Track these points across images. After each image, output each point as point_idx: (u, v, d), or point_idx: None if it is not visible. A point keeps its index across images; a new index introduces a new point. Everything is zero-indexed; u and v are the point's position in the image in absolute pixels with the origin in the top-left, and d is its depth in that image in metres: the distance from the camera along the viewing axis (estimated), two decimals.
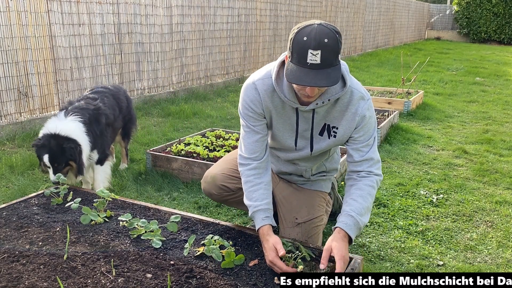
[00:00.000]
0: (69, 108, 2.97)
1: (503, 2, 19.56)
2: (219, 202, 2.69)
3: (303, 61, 1.72)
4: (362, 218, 1.93)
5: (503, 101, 7.23)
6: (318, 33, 1.70)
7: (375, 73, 9.82)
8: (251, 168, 2.08)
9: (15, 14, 4.52)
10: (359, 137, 2.04)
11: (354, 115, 2.00)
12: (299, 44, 1.72)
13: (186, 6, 6.83)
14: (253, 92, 2.05)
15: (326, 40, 1.69)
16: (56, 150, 2.70)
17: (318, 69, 1.71)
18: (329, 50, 1.71)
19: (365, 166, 2.03)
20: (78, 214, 2.25)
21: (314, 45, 1.69)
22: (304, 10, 10.42)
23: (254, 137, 2.08)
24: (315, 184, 2.40)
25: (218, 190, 2.36)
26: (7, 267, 1.80)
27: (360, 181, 2.02)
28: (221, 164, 2.45)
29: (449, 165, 4.13)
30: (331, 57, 1.72)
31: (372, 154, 2.05)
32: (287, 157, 2.28)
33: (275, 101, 2.04)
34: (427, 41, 20.77)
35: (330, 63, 1.73)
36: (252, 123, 2.08)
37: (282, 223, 2.32)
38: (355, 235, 1.92)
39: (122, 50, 5.89)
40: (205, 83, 7.56)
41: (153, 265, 1.84)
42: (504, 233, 2.86)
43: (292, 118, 2.08)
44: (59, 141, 2.72)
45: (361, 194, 1.98)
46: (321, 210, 2.31)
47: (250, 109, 2.06)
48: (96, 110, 3.05)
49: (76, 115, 2.89)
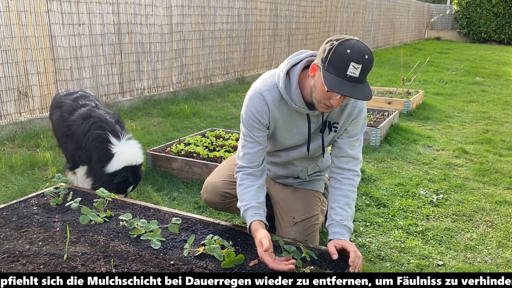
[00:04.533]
0: (116, 126, 2.92)
1: (503, 2, 19.54)
2: (221, 211, 2.68)
3: (342, 72, 1.76)
4: (351, 223, 2.05)
5: (503, 101, 7.23)
6: (361, 48, 1.76)
7: (375, 73, 9.82)
8: (246, 173, 2.11)
9: (15, 14, 4.52)
10: (352, 131, 2.13)
11: (353, 109, 2.09)
12: (342, 55, 1.76)
13: (186, 6, 6.83)
14: (260, 103, 2.05)
15: (367, 56, 1.77)
16: (138, 180, 2.90)
17: (356, 82, 1.78)
18: (367, 66, 1.78)
19: (351, 165, 2.13)
20: (78, 214, 2.25)
21: (357, 58, 1.74)
22: (304, 10, 10.42)
23: (255, 148, 2.10)
24: (310, 184, 2.43)
25: (220, 198, 2.37)
26: (7, 267, 1.80)
27: (343, 184, 2.10)
28: (220, 172, 2.45)
29: (449, 165, 4.13)
30: (366, 73, 1.80)
31: (359, 154, 2.17)
32: (286, 157, 2.29)
33: (282, 110, 2.08)
34: (427, 41, 20.77)
35: (364, 79, 1.80)
36: (256, 134, 2.09)
37: (279, 224, 2.33)
38: (349, 239, 2.01)
39: (122, 50, 5.89)
40: (205, 83, 7.56)
41: (153, 265, 1.84)
42: (504, 233, 2.86)
43: (301, 124, 2.12)
44: (137, 172, 2.87)
45: (347, 202, 2.08)
46: (317, 209, 2.33)
47: (256, 120, 2.06)
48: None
49: (128, 136, 2.93)
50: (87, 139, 2.81)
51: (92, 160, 2.84)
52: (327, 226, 2.06)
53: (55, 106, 3.20)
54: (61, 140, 3.12)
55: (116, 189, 2.76)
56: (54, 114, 3.15)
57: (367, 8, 14.21)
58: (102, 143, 2.79)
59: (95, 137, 2.80)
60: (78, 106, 3.01)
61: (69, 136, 2.96)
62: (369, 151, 4.39)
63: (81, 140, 2.84)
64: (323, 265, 1.90)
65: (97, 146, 2.79)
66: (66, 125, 2.96)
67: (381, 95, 6.61)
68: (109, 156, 2.77)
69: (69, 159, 3.11)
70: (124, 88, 6.03)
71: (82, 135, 2.83)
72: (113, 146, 2.79)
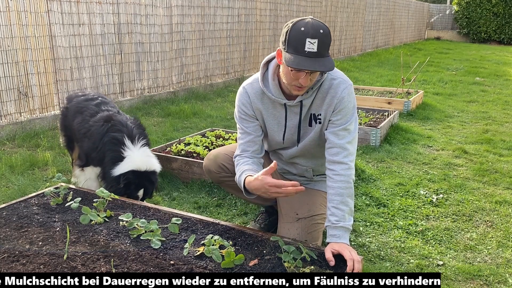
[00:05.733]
0: (134, 131, 2.86)
1: (503, 2, 19.54)
2: (216, 183, 2.67)
3: (301, 49, 1.85)
4: (348, 222, 2.02)
5: (503, 101, 7.24)
6: (314, 25, 1.86)
7: (375, 73, 9.82)
8: (244, 156, 2.20)
9: (15, 14, 4.53)
10: (336, 120, 2.12)
11: (333, 98, 2.10)
12: (297, 34, 1.86)
13: (186, 6, 6.83)
14: (244, 95, 2.22)
15: (322, 31, 1.86)
16: (149, 186, 2.82)
17: (315, 57, 1.85)
18: (324, 40, 1.85)
19: (341, 156, 2.08)
20: (78, 214, 2.25)
21: (312, 34, 1.83)
22: (304, 10, 10.42)
23: (247, 138, 2.22)
24: (318, 184, 2.44)
25: (217, 168, 2.43)
26: (7, 267, 1.80)
27: (335, 182, 2.07)
28: (226, 147, 2.57)
29: (449, 165, 4.13)
30: (325, 47, 1.87)
31: (349, 144, 2.10)
32: (286, 155, 2.33)
33: (265, 103, 2.19)
34: (427, 41, 20.77)
35: (324, 53, 1.87)
36: (245, 125, 2.22)
37: (282, 219, 2.34)
38: (348, 239, 2.01)
39: (122, 50, 5.89)
40: (205, 83, 7.56)
41: (153, 265, 1.84)
42: (504, 233, 2.86)
43: (282, 115, 2.19)
44: (148, 178, 2.80)
45: (341, 200, 2.05)
46: (322, 209, 2.32)
47: (242, 112, 2.22)
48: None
49: (144, 142, 2.87)
50: (103, 141, 2.80)
51: (104, 161, 2.82)
52: (325, 228, 2.06)
53: (74, 111, 3.13)
54: (79, 139, 3.09)
55: (124, 194, 2.69)
56: (75, 119, 3.08)
57: (367, 8, 14.20)
58: (115, 145, 2.76)
59: (110, 139, 2.78)
60: (101, 112, 3.00)
61: (86, 136, 2.94)
62: (369, 151, 4.39)
63: (97, 142, 2.83)
64: (323, 265, 1.90)
65: (110, 148, 2.78)
66: (87, 126, 2.94)
67: (381, 95, 6.61)
68: (119, 159, 2.74)
69: (82, 157, 3.08)
70: (124, 88, 6.03)
71: (100, 136, 2.82)
72: (126, 149, 2.75)
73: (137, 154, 2.77)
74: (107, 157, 2.79)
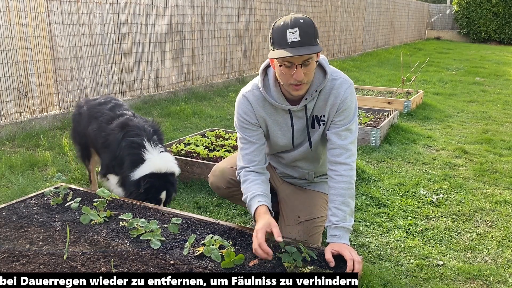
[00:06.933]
0: (154, 136, 2.79)
1: (503, 2, 19.54)
2: (225, 198, 2.68)
3: (283, 42, 1.86)
4: (349, 222, 2.02)
5: (503, 101, 7.23)
6: (294, 17, 1.88)
7: (375, 73, 9.82)
8: (248, 171, 2.15)
9: (15, 14, 4.52)
10: (339, 121, 2.10)
11: (336, 98, 2.08)
12: (278, 29, 1.89)
13: (186, 6, 6.83)
14: (245, 104, 2.15)
15: (302, 20, 1.87)
16: (171, 188, 2.71)
17: (299, 46, 1.84)
18: (306, 27, 1.85)
19: (344, 157, 2.07)
20: (78, 214, 2.25)
21: (292, 24, 1.85)
22: (304, 10, 10.42)
23: (251, 148, 2.16)
24: (318, 185, 2.44)
25: (226, 184, 2.39)
26: (7, 267, 1.80)
27: (337, 182, 2.06)
28: (230, 160, 2.50)
29: (449, 165, 4.13)
30: (309, 35, 1.86)
31: (351, 145, 2.10)
32: (288, 158, 2.31)
33: (267, 109, 2.14)
34: (427, 41, 20.77)
35: (310, 42, 1.86)
36: (248, 134, 2.16)
37: (283, 221, 2.33)
38: (348, 239, 2.00)
39: (122, 50, 5.89)
40: (205, 83, 7.56)
41: (153, 265, 1.84)
42: (504, 233, 2.86)
43: (287, 120, 2.15)
44: (168, 179, 2.69)
45: (343, 200, 2.04)
46: (323, 211, 2.32)
47: (244, 121, 2.15)
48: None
49: (161, 146, 2.79)
50: (120, 147, 2.73)
51: (123, 167, 2.73)
52: (326, 228, 2.06)
53: (88, 116, 3.07)
54: (99, 149, 3.02)
55: (145, 198, 2.59)
56: (90, 125, 3.03)
57: (367, 8, 14.20)
58: (135, 149, 2.69)
59: (129, 143, 2.71)
60: (116, 116, 2.92)
61: (106, 146, 2.87)
62: (369, 151, 4.39)
63: (115, 150, 2.76)
64: (323, 265, 1.90)
65: (130, 152, 2.69)
66: (104, 135, 2.87)
67: (381, 95, 6.61)
68: (140, 162, 2.66)
69: (103, 166, 3.00)
70: (124, 88, 6.03)
71: (117, 144, 2.75)
72: (147, 152, 2.68)
73: (157, 157, 2.68)
74: (127, 161, 2.70)
